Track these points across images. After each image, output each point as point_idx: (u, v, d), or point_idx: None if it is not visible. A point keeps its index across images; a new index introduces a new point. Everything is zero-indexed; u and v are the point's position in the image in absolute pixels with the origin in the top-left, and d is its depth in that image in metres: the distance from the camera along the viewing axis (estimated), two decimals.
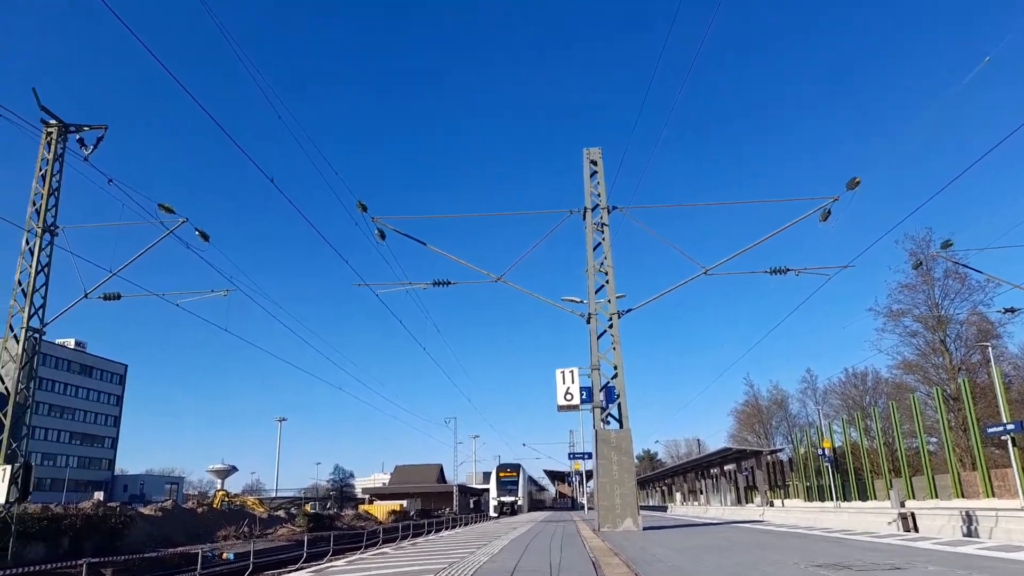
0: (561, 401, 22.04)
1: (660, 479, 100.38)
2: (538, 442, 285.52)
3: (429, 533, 29.36)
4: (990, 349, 36.77)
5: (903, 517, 23.27)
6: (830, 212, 20.06)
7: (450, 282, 22.23)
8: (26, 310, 21.10)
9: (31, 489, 20.91)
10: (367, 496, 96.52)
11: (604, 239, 21.37)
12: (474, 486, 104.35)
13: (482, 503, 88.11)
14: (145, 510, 39.33)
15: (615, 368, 20.18)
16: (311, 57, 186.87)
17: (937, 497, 35.94)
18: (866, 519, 26.36)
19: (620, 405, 19.90)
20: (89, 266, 22.49)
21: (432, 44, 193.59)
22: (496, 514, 66.71)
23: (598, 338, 20.48)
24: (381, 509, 68.31)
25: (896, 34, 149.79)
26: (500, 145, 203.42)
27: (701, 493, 74.02)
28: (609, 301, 20.79)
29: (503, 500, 69.58)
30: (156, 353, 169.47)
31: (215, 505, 49.31)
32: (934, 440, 41.90)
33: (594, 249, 21.40)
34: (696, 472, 74.31)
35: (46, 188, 21.87)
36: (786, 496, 56.93)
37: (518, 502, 69.06)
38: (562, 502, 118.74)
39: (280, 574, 21.23)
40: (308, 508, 62.50)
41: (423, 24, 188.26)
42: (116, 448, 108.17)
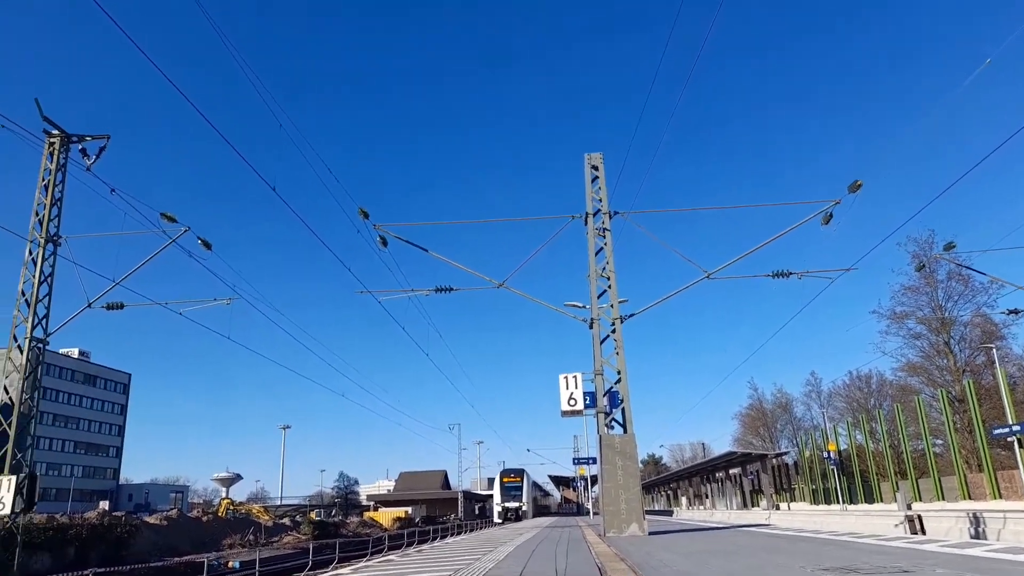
0: (565, 406, 22.03)
1: (665, 483, 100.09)
2: (542, 448, 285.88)
3: (434, 539, 29.31)
4: (994, 351, 36.66)
5: (910, 520, 23.13)
6: (832, 215, 20.06)
7: (452, 288, 22.23)
8: (30, 320, 21.14)
9: (36, 499, 20.93)
10: (372, 503, 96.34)
11: (606, 244, 21.38)
12: (479, 492, 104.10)
13: (487, 509, 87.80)
14: (150, 519, 39.27)
15: (618, 373, 20.16)
16: (311, 62, 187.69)
17: (944, 499, 35.78)
18: (872, 522, 26.22)
19: (624, 410, 19.87)
20: (92, 276, 22.55)
21: (433, 49, 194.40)
22: (500, 520, 66.22)
23: (601, 343, 20.45)
24: (386, 516, 68.22)
25: (897, 37, 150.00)
26: (501, 151, 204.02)
27: (706, 497, 73.76)
28: (612, 306, 20.78)
29: (507, 506, 68.96)
30: (160, 362, 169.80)
31: (220, 514, 49.20)
32: (940, 442, 41.74)
33: (596, 254, 21.40)
34: (701, 476, 74.07)
35: (49, 198, 21.96)
36: (792, 499, 56.72)
37: (522, 508, 68.58)
38: (567, 507, 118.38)
39: None
40: (313, 516, 62.42)
41: (424, 29, 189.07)
42: (121, 457, 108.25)
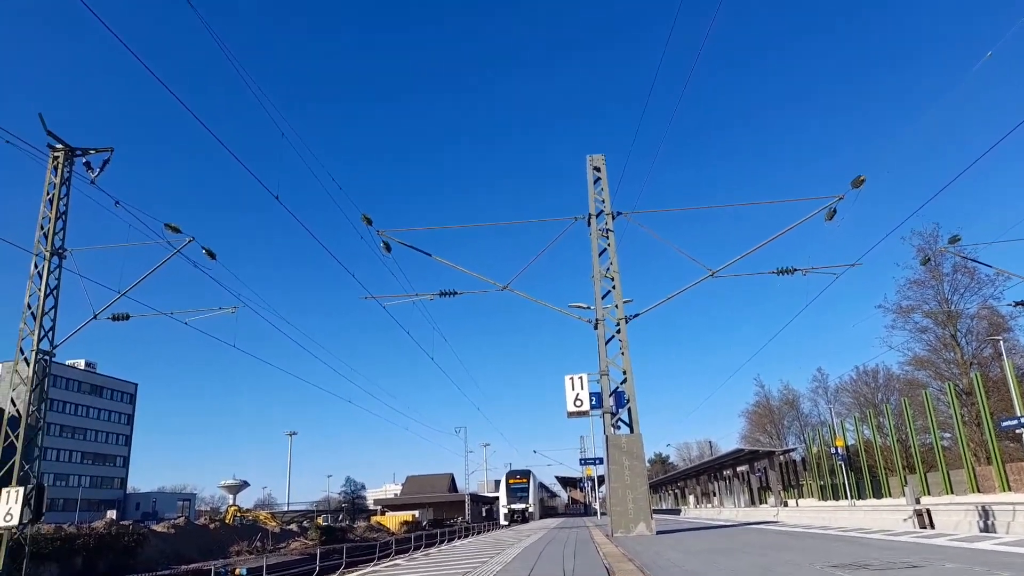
0: (571, 407, 21.99)
1: (672, 482, 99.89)
2: (549, 449, 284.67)
3: (442, 543, 29.29)
4: (1002, 343, 36.52)
5: (918, 514, 23.09)
6: (836, 211, 20.01)
7: (456, 292, 22.25)
8: (36, 333, 21.22)
9: (44, 510, 20.98)
10: (379, 507, 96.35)
11: (609, 245, 21.37)
12: (486, 494, 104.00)
13: (494, 511, 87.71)
14: (158, 527, 39.36)
15: (624, 373, 20.14)
16: (313, 69, 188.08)
17: (952, 493, 35.63)
18: (881, 517, 26.14)
19: (630, 410, 19.85)
20: (97, 287, 22.64)
21: (435, 54, 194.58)
22: (507, 522, 65.86)
23: (606, 343, 20.45)
24: (393, 520, 68.22)
25: (898, 33, 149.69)
26: (504, 154, 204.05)
27: (714, 495, 73.60)
28: (616, 306, 20.76)
29: (513, 508, 68.45)
30: (166, 371, 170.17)
31: (227, 521, 49.27)
32: (948, 435, 41.59)
33: (600, 255, 21.39)
34: (709, 474, 73.92)
35: (53, 212, 22.04)
36: (800, 496, 56.54)
37: (529, 509, 68.16)
38: (574, 508, 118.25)
39: None
40: (320, 521, 62.42)
41: (426, 34, 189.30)
42: (128, 467, 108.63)
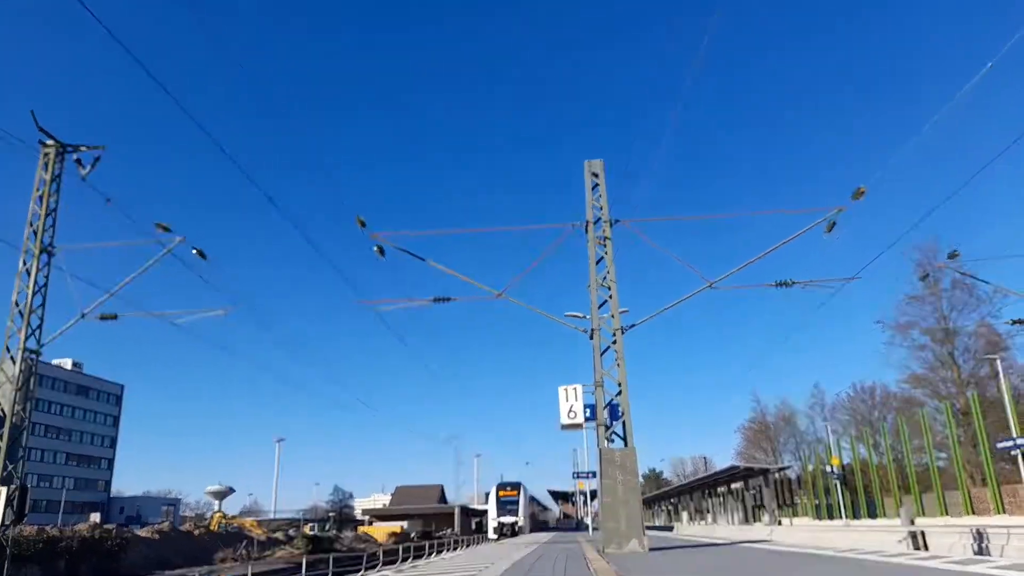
0: (564, 419, 21.71)
1: (666, 498, 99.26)
2: (542, 461, 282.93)
3: (430, 555, 28.86)
4: (999, 362, 36.33)
5: (913, 535, 22.76)
6: (835, 223, 19.86)
7: (451, 298, 21.96)
8: (23, 331, 20.92)
9: (27, 511, 20.59)
10: (367, 517, 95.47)
11: (607, 253, 21.16)
12: (476, 507, 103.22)
13: (484, 524, 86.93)
14: (142, 532, 38.81)
15: (619, 385, 19.86)
16: (309, 70, 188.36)
17: (947, 514, 35.34)
18: (876, 537, 25.83)
19: (624, 423, 19.55)
20: (86, 286, 22.33)
21: (432, 56, 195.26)
22: (495, 536, 64.59)
23: (601, 354, 20.17)
24: (381, 531, 67.41)
25: (898, 44, 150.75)
26: (501, 158, 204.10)
27: (708, 512, 73.06)
28: (612, 316, 20.52)
29: (502, 521, 66.86)
30: (153, 373, 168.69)
31: (212, 527, 48.61)
32: (944, 456, 41.35)
33: (596, 263, 21.17)
34: (703, 491, 73.40)
35: (43, 209, 21.79)
36: (795, 514, 56.14)
37: (519, 523, 66.87)
38: (566, 522, 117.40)
39: None
40: (307, 530, 61.67)
41: (423, 36, 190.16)
42: (113, 469, 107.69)
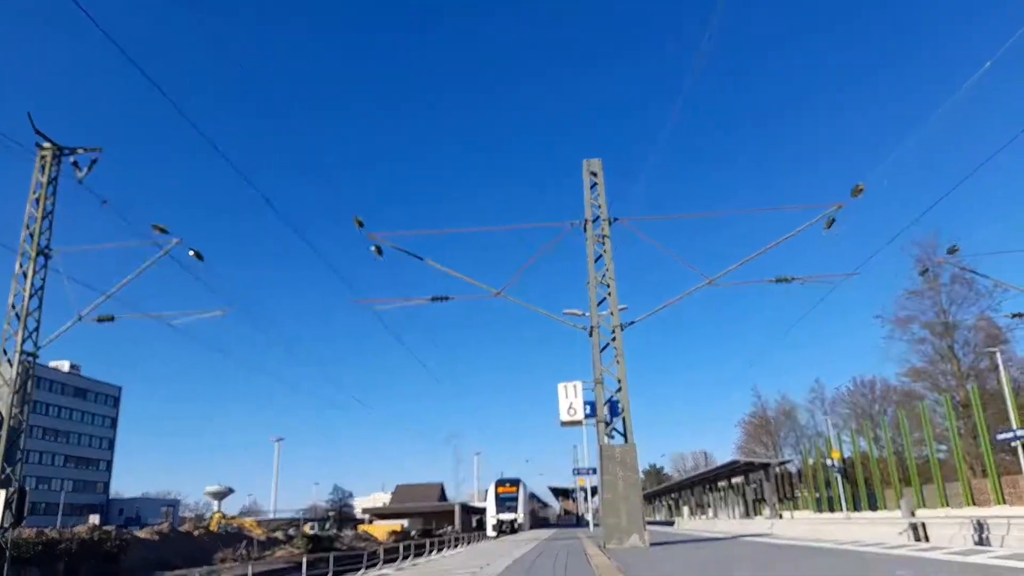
0: (564, 416, 21.66)
1: (667, 493, 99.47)
2: (542, 458, 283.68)
3: (431, 553, 28.86)
4: (998, 355, 36.36)
5: (913, 527, 22.80)
6: (834, 220, 19.79)
7: (449, 297, 21.88)
8: (20, 333, 20.86)
9: (25, 513, 20.57)
10: (367, 516, 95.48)
11: (605, 251, 21.10)
12: (476, 504, 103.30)
13: (484, 522, 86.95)
14: (141, 533, 38.78)
15: (619, 381, 19.82)
16: (306, 70, 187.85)
17: (948, 505, 35.42)
18: (876, 530, 25.91)
19: (624, 419, 19.52)
20: (83, 288, 22.29)
21: (431, 56, 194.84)
22: (494, 533, 63.21)
23: (601, 351, 20.13)
24: (381, 529, 67.37)
25: (898, 39, 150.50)
26: (499, 157, 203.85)
27: (709, 507, 73.21)
28: (611, 314, 20.47)
29: (501, 518, 65.53)
30: (151, 374, 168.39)
31: (212, 528, 48.58)
32: (944, 448, 41.42)
33: (595, 261, 21.11)
34: (703, 485, 73.53)
35: (40, 211, 21.72)
36: (795, 508, 56.23)
37: (518, 520, 66.00)
38: (567, 519, 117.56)
39: None
40: (307, 529, 61.62)
41: (422, 36, 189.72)
42: (111, 471, 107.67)
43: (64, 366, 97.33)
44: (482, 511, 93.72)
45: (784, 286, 20.82)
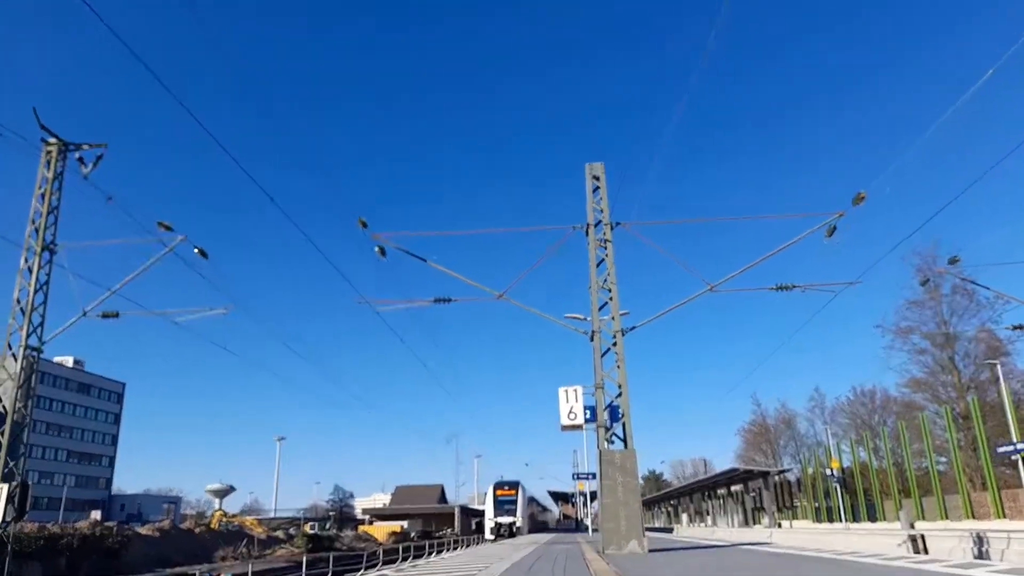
0: (564, 420, 21.71)
1: (666, 500, 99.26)
2: (541, 462, 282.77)
3: (430, 555, 28.87)
4: (999, 367, 36.33)
5: (913, 539, 22.78)
6: (836, 228, 19.87)
7: (451, 299, 21.98)
8: (24, 328, 20.95)
9: (28, 508, 20.63)
10: (367, 517, 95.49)
11: (607, 256, 21.18)
12: (476, 507, 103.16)
13: (483, 524, 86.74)
14: (142, 530, 38.89)
15: (619, 386, 19.87)
16: (310, 70, 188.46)
17: (947, 518, 35.33)
18: (875, 541, 25.86)
19: (624, 424, 19.57)
20: (87, 284, 22.38)
21: (433, 57, 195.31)
22: (492, 536, 62.57)
23: (602, 356, 20.19)
24: (381, 530, 67.43)
25: (899, 39, 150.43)
26: (502, 160, 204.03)
27: (707, 514, 73.06)
28: (613, 318, 20.53)
29: (499, 521, 64.66)
30: (154, 371, 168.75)
31: (213, 525, 48.67)
32: (944, 460, 41.33)
33: (597, 266, 21.19)
34: (703, 493, 73.40)
35: (45, 207, 21.82)
36: (794, 517, 56.11)
37: (516, 523, 65.27)
38: (566, 523, 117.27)
39: None
40: (308, 529, 61.67)
41: (424, 37, 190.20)
42: (114, 467, 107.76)
43: (68, 361, 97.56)
44: (482, 514, 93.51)
45: (785, 293, 20.89)
